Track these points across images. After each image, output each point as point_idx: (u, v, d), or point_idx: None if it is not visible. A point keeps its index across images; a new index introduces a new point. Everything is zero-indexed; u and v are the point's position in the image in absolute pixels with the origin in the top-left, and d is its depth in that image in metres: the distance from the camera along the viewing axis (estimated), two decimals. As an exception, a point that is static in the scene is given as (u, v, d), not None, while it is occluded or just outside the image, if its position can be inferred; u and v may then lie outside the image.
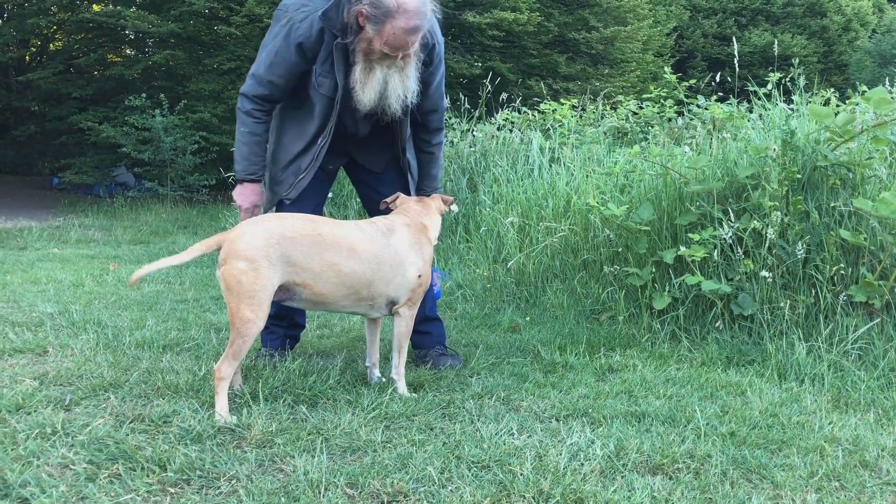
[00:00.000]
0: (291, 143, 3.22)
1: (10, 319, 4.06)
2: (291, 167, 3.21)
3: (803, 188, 3.95)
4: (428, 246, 3.06)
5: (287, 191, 3.21)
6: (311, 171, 3.20)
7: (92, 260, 7.07)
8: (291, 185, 3.20)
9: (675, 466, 2.33)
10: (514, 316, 4.47)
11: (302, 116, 3.20)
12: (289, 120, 3.23)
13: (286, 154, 3.23)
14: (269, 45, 3.10)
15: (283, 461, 2.26)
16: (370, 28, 2.89)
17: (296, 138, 3.21)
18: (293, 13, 3.03)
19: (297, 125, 3.21)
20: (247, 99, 3.12)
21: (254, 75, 3.12)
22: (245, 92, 3.13)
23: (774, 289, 3.76)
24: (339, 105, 3.11)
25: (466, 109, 8.07)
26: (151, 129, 13.04)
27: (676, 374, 3.33)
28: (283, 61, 3.05)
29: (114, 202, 12.76)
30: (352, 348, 3.69)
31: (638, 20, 16.82)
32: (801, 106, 4.75)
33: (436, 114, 3.38)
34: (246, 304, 2.57)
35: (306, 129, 3.19)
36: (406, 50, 2.95)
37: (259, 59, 3.12)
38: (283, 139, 3.24)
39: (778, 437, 2.59)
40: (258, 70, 3.10)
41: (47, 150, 19.39)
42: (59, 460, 2.18)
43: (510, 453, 2.35)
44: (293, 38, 3.01)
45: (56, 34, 20.00)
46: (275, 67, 3.06)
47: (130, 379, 2.96)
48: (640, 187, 4.57)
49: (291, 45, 3.02)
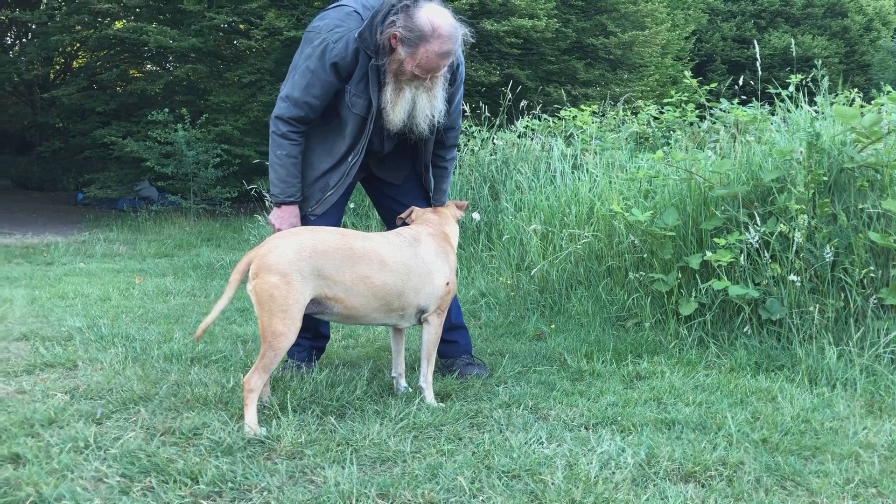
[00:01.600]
0: (319, 159, 3.24)
1: (40, 334, 4.10)
2: (318, 183, 3.23)
3: (830, 191, 3.91)
4: (452, 254, 3.09)
5: (313, 206, 3.23)
6: (340, 187, 3.23)
7: (118, 274, 7.14)
8: (318, 202, 3.23)
9: (708, 474, 2.31)
10: (538, 324, 4.46)
11: (329, 134, 3.23)
12: (315, 137, 3.25)
13: (313, 171, 3.24)
14: (301, 66, 3.10)
15: (314, 472, 2.27)
16: (403, 50, 2.92)
17: (323, 155, 3.23)
18: (327, 34, 3.05)
19: (324, 142, 3.23)
20: (282, 122, 3.13)
21: (288, 97, 3.12)
22: (280, 115, 3.13)
23: (803, 293, 3.72)
24: (371, 124, 3.13)
25: (486, 118, 8.07)
26: (174, 144, 13.16)
27: (705, 381, 3.30)
28: (318, 82, 3.07)
29: (138, 216, 12.88)
30: (377, 358, 3.69)
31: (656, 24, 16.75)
32: (825, 107, 4.70)
33: (453, 131, 3.42)
34: (278, 318, 2.58)
35: (335, 147, 3.21)
36: (436, 72, 2.99)
37: (291, 81, 3.12)
38: (310, 156, 3.25)
39: (811, 444, 2.56)
40: (292, 92, 3.10)
41: (71, 165, 19.63)
42: (93, 474, 2.20)
43: (540, 462, 2.34)
44: (328, 59, 3.03)
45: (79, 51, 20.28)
46: (311, 88, 3.07)
47: (160, 392, 2.98)
48: (664, 192, 4.55)
49: (327, 66, 3.04)
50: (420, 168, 3.42)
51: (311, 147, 3.25)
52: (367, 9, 3.05)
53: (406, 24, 2.89)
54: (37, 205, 16.36)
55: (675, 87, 16.78)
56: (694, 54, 23.38)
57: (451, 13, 2.99)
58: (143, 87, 14.89)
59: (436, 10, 2.94)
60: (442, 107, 3.13)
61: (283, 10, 13.86)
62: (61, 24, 15.43)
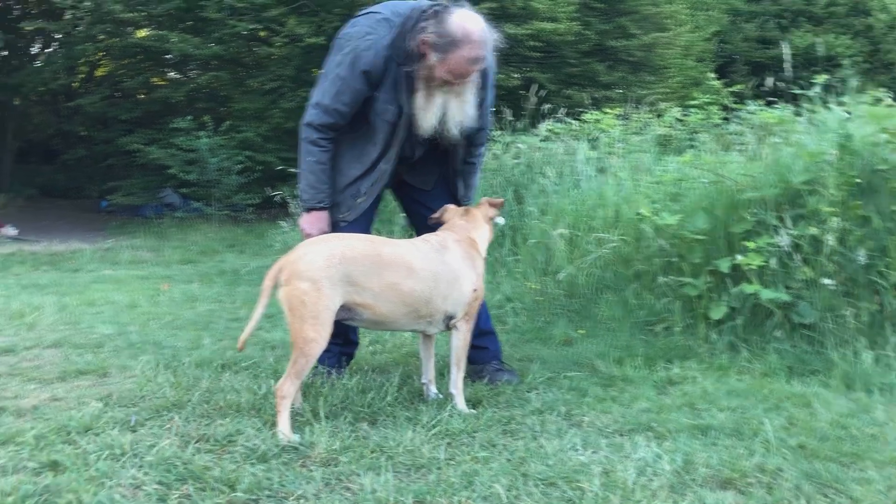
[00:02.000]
0: (349, 166, 3.24)
1: (71, 341, 4.14)
2: (349, 190, 3.24)
3: (862, 193, 3.86)
4: (479, 259, 3.07)
5: (344, 213, 3.24)
6: (371, 194, 3.24)
7: (144, 280, 7.19)
8: (350, 208, 3.24)
9: (746, 481, 2.29)
10: (566, 329, 4.43)
11: (358, 141, 3.23)
12: (345, 144, 3.26)
13: (343, 178, 3.25)
14: (331, 73, 3.11)
15: (350, 479, 2.27)
16: (434, 56, 2.93)
17: (353, 161, 3.24)
18: (357, 41, 3.06)
19: (353, 149, 3.24)
20: (312, 129, 3.14)
21: (318, 105, 3.13)
22: (311, 122, 3.15)
23: (836, 296, 3.67)
24: (402, 131, 3.13)
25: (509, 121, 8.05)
26: (197, 151, 13.26)
27: (738, 386, 3.27)
28: (349, 89, 3.08)
29: (161, 223, 12.98)
30: (406, 364, 3.69)
31: (677, 26, 16.65)
32: (854, 108, 4.65)
33: (483, 132, 3.42)
34: (309, 325, 2.59)
35: (365, 153, 3.22)
36: (466, 78, 2.99)
37: (322, 88, 3.14)
38: (340, 163, 3.26)
39: (850, 450, 2.52)
40: (323, 99, 3.12)
41: (96, 173, 19.81)
42: (131, 481, 2.21)
43: (576, 469, 2.33)
44: (359, 67, 3.04)
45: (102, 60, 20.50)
46: (341, 96, 3.08)
47: (192, 399, 2.99)
48: (693, 195, 4.51)
49: (357, 73, 3.05)
50: (450, 173, 3.42)
51: (341, 154, 3.26)
52: (397, 15, 3.05)
53: (437, 29, 2.89)
54: (62, 212, 16.55)
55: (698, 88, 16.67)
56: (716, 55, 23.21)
57: (482, 18, 2.98)
58: (166, 95, 15.03)
59: (467, 16, 2.93)
60: (473, 112, 3.12)
61: (304, 18, 13.91)
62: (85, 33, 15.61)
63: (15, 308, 5.12)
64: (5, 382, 3.29)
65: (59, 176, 20.76)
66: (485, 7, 12.95)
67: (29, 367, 3.56)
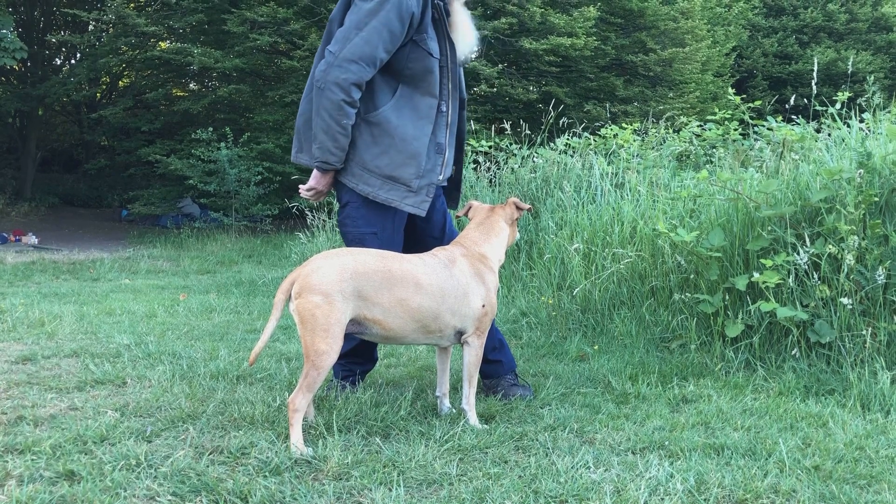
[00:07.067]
0: (417, 127, 3.15)
1: (89, 350, 4.18)
2: (432, 148, 3.20)
3: (881, 211, 3.84)
4: (490, 274, 3.06)
5: (440, 172, 3.24)
6: (451, 143, 3.28)
7: (162, 290, 7.26)
8: (442, 165, 3.24)
9: (760, 502, 2.27)
10: (581, 344, 4.42)
11: (404, 101, 3.16)
12: (392, 114, 3.14)
13: (419, 143, 3.15)
14: (367, 24, 2.99)
15: (361, 494, 2.27)
16: None
17: (417, 120, 3.16)
18: None
19: (407, 111, 3.16)
20: (356, 87, 3.01)
21: (360, 59, 2.98)
22: (355, 81, 2.99)
23: (853, 315, 3.65)
24: (451, 63, 3.19)
25: (527, 135, 8.07)
26: (217, 161, 13.39)
27: (753, 405, 3.24)
28: (391, 36, 3.01)
29: (180, 233, 13.10)
30: (420, 378, 3.70)
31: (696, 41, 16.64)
32: (875, 125, 4.62)
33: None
34: (321, 337, 2.61)
35: (420, 107, 3.17)
36: None
37: (356, 43, 2.99)
38: (405, 132, 3.14)
39: (866, 472, 2.50)
40: (363, 52, 2.98)
41: (117, 183, 20.08)
42: (145, 492, 2.23)
43: (588, 488, 2.32)
44: (405, 11, 3.00)
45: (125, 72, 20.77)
46: (385, 44, 3.01)
47: (207, 410, 3.01)
48: (710, 212, 4.50)
49: (405, 18, 3.01)
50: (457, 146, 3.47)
51: (400, 124, 3.13)
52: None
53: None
54: (83, 221, 16.74)
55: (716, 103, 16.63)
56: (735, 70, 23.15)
57: None
58: (187, 107, 15.19)
59: None
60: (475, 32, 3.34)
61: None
62: (108, 46, 15.84)
63: (35, 316, 5.19)
64: (25, 391, 3.33)
65: (80, 185, 21.05)
66: (504, 22, 13.02)
67: (48, 377, 3.60)
